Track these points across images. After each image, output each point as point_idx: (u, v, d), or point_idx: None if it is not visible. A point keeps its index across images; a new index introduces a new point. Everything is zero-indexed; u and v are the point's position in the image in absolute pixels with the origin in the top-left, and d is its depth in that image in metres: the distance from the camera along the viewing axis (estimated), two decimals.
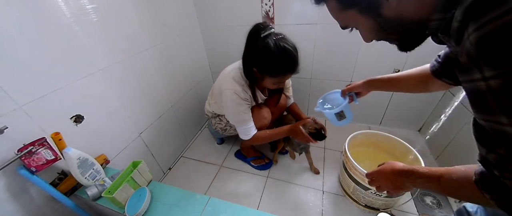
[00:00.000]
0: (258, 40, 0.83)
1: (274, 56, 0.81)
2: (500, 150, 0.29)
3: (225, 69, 1.09)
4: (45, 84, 0.72)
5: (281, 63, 0.84)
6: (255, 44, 0.84)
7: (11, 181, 0.67)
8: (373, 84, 0.80)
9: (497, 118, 0.26)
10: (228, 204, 0.76)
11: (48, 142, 0.70)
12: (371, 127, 1.57)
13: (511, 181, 0.30)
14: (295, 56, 0.85)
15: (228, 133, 1.27)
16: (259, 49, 0.83)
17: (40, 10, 0.69)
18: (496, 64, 0.24)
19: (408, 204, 1.05)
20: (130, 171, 0.80)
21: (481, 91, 0.26)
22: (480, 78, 0.26)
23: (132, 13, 1.01)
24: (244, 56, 0.93)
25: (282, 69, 0.87)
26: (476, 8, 0.25)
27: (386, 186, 0.58)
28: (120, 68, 0.98)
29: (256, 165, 1.34)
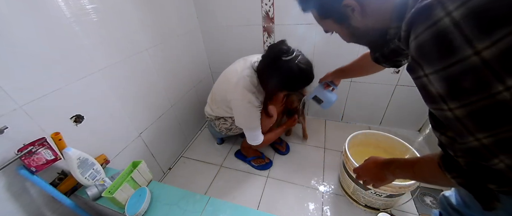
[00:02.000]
0: (280, 61, 0.87)
1: (296, 78, 0.90)
2: (449, 133, 0.35)
3: (228, 75, 1.09)
4: (45, 84, 0.72)
5: (300, 83, 0.94)
6: (277, 65, 0.89)
7: (11, 181, 0.67)
8: (338, 74, 0.98)
9: (440, 106, 0.32)
10: (228, 204, 0.76)
11: (48, 142, 0.70)
12: (371, 127, 1.57)
13: (463, 159, 0.35)
14: (312, 74, 0.93)
15: (233, 132, 1.27)
16: (282, 71, 0.89)
17: (40, 10, 0.69)
18: (431, 63, 0.31)
19: (408, 204, 1.05)
20: (130, 171, 0.80)
21: (425, 84, 0.33)
22: (422, 74, 0.33)
23: (132, 13, 1.01)
24: (265, 74, 0.97)
25: (300, 86, 0.99)
26: (412, 22, 0.33)
27: (371, 180, 0.64)
28: (120, 68, 0.98)
29: (256, 165, 1.34)
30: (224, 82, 1.10)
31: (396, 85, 1.35)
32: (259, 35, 1.43)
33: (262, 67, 0.97)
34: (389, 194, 0.91)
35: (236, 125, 1.17)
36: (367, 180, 0.66)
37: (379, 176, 0.60)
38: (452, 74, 0.29)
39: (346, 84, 1.47)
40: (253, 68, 1.01)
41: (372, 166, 0.63)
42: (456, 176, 0.38)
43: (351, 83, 1.45)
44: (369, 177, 0.65)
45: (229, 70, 1.12)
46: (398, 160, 0.56)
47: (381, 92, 1.41)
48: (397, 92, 1.38)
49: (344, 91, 1.51)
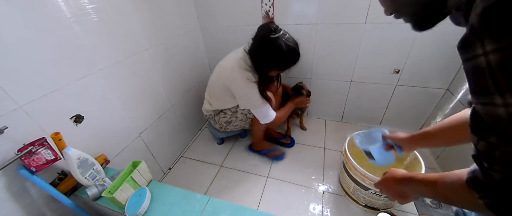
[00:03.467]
0: (269, 39, 0.94)
1: (285, 55, 0.95)
2: (491, 138, 0.27)
3: (222, 64, 1.13)
4: (45, 84, 0.72)
5: (289, 60, 0.99)
6: (266, 43, 0.95)
7: (11, 181, 0.67)
8: (417, 141, 0.71)
9: (492, 99, 0.24)
10: (228, 204, 0.76)
11: (48, 142, 0.70)
12: (371, 127, 1.57)
13: (499, 174, 0.28)
14: (299, 53, 0.99)
15: (232, 127, 1.28)
16: (271, 49, 0.95)
17: (40, 10, 0.69)
18: (497, 36, 0.22)
19: (408, 204, 1.05)
20: (130, 171, 0.80)
21: (480, 67, 0.24)
22: (481, 53, 0.24)
23: (132, 13, 1.01)
24: (256, 53, 1.02)
25: (289, 64, 1.01)
26: None
27: (393, 196, 0.60)
28: (120, 68, 0.98)
29: (271, 156, 1.38)
30: (220, 72, 1.13)
31: (396, 85, 1.35)
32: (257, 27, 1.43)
33: (252, 47, 1.03)
34: None
35: (236, 117, 1.20)
36: (389, 196, 0.62)
37: (401, 193, 0.56)
38: None
39: (346, 84, 1.47)
40: (245, 51, 1.07)
41: (392, 183, 0.58)
42: (484, 196, 0.31)
43: (351, 83, 1.45)
44: (391, 194, 0.60)
45: (222, 61, 1.16)
46: (417, 176, 0.50)
47: (381, 92, 1.41)
48: (397, 92, 1.38)
49: (344, 91, 1.51)
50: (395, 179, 0.57)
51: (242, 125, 1.28)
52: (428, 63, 1.21)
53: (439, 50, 1.16)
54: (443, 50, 1.15)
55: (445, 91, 1.28)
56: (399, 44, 1.20)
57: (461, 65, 1.24)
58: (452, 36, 1.10)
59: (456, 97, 1.17)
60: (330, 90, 1.53)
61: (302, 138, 1.54)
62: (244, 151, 1.48)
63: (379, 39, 1.22)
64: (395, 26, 1.15)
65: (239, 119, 1.22)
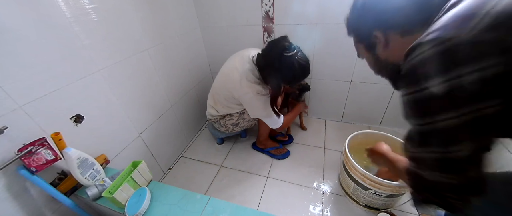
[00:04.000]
0: (282, 57, 0.95)
1: (297, 73, 0.99)
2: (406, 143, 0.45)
3: (228, 73, 1.10)
4: (45, 84, 0.72)
5: (300, 77, 1.04)
6: (279, 61, 0.96)
7: (11, 181, 0.67)
8: None
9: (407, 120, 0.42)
10: (228, 204, 0.76)
11: (48, 142, 0.70)
12: (371, 127, 1.57)
13: (415, 168, 0.45)
14: (309, 69, 1.02)
15: (239, 128, 1.29)
16: (284, 67, 0.96)
17: (40, 10, 0.69)
18: (406, 87, 0.39)
19: (408, 204, 1.05)
20: (130, 171, 0.80)
21: (403, 102, 0.42)
22: (402, 94, 0.41)
23: (132, 13, 1.01)
24: (267, 69, 1.03)
25: (299, 80, 1.07)
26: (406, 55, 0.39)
27: (372, 160, 0.85)
28: (120, 68, 0.98)
29: (276, 154, 1.38)
30: (226, 81, 1.11)
31: None
32: (259, 35, 1.43)
33: (264, 63, 1.03)
34: (389, 194, 0.91)
35: (243, 118, 1.22)
36: (373, 160, 0.84)
37: (375, 160, 0.82)
38: None
39: (346, 84, 1.47)
40: (253, 62, 1.06)
41: (375, 152, 0.82)
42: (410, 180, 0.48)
43: (351, 83, 1.45)
44: (374, 159, 0.83)
45: (228, 68, 1.13)
46: (388, 154, 0.73)
47: (381, 92, 1.41)
48: (397, 92, 1.38)
49: (344, 91, 1.51)
50: (378, 152, 0.80)
51: (248, 125, 1.30)
52: None
53: None
54: None
55: None
56: None
57: None
58: None
59: None
60: (330, 90, 1.53)
61: (302, 138, 1.54)
62: (244, 151, 1.48)
63: None
64: None
65: (246, 120, 1.24)
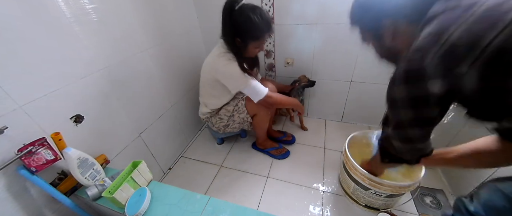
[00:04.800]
0: (234, 12, 0.93)
1: (254, 20, 0.93)
2: None
3: (205, 63, 1.14)
4: (45, 84, 0.72)
5: (260, 24, 0.95)
6: (233, 17, 0.93)
7: (11, 181, 0.67)
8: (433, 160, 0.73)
9: None
10: (228, 204, 0.76)
11: (48, 142, 0.70)
12: (371, 127, 1.57)
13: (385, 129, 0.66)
14: (267, 13, 0.98)
15: (230, 129, 1.28)
16: (239, 19, 0.93)
17: (40, 10, 0.69)
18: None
19: (408, 204, 1.05)
20: (130, 171, 0.80)
21: None
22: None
23: (132, 13, 1.01)
24: (225, 32, 1.00)
25: (262, 29, 0.97)
26: None
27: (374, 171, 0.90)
28: (120, 68, 0.98)
29: (276, 154, 1.38)
30: (205, 68, 1.14)
31: None
32: None
33: (222, 28, 1.00)
34: (389, 194, 0.91)
35: (233, 120, 1.20)
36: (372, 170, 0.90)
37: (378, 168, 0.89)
38: None
39: (346, 84, 1.47)
40: (220, 37, 1.06)
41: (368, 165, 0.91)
42: None
43: (351, 83, 1.45)
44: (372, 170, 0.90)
45: (205, 61, 1.16)
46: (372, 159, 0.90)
47: (381, 92, 1.39)
48: None
49: (344, 91, 1.51)
50: (369, 163, 0.91)
51: (240, 127, 1.29)
52: None
53: None
54: None
55: None
56: None
57: None
58: None
59: None
60: (330, 90, 1.53)
61: (302, 138, 1.54)
62: (244, 151, 1.48)
63: None
64: None
65: (236, 122, 1.22)
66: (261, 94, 1.08)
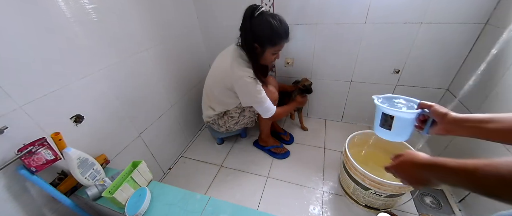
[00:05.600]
0: (254, 19, 0.94)
1: (273, 26, 0.94)
2: None
3: (217, 67, 1.13)
4: (45, 84, 0.72)
5: (279, 30, 0.96)
6: (252, 23, 0.95)
7: (11, 181, 0.67)
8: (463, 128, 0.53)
9: None
10: (228, 204, 0.76)
11: (48, 142, 0.70)
12: (371, 127, 1.57)
13: None
14: (286, 23, 0.99)
15: (239, 126, 1.30)
16: (258, 25, 0.94)
17: (40, 10, 0.69)
18: None
19: (408, 204, 1.05)
20: (130, 171, 0.80)
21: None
22: None
23: (132, 13, 1.01)
24: (245, 38, 1.01)
25: (281, 35, 0.98)
26: None
27: (408, 182, 0.52)
28: (120, 68, 0.98)
29: (276, 153, 1.39)
30: (218, 73, 1.12)
31: (396, 85, 1.35)
32: None
33: (242, 34, 1.02)
34: (389, 194, 0.91)
35: (243, 116, 1.22)
36: (404, 181, 0.53)
37: (419, 179, 0.49)
38: None
39: (346, 84, 1.47)
40: (237, 45, 1.06)
41: (409, 167, 0.50)
42: None
43: (351, 83, 1.45)
44: (405, 179, 0.52)
45: (217, 63, 1.16)
46: (448, 162, 0.42)
47: (381, 92, 1.40)
48: (397, 92, 1.38)
49: (344, 91, 1.51)
50: (416, 164, 0.49)
51: (249, 122, 1.30)
52: (428, 63, 1.21)
53: (439, 50, 1.16)
54: (443, 50, 1.15)
55: (445, 91, 1.28)
56: (399, 44, 1.20)
57: (461, 65, 1.24)
58: (452, 36, 1.10)
59: (456, 97, 1.17)
60: (330, 90, 1.53)
61: (302, 138, 1.54)
62: (244, 151, 1.48)
63: (379, 39, 1.22)
64: (395, 26, 1.15)
65: (246, 117, 1.24)
66: (271, 112, 1.15)
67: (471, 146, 1.00)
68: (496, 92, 0.92)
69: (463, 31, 1.07)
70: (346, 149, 1.00)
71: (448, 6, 1.03)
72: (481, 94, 0.99)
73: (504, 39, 0.90)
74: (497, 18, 0.98)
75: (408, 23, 1.12)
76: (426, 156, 0.48)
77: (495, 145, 0.84)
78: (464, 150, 1.05)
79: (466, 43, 1.10)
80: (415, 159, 0.49)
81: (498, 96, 0.91)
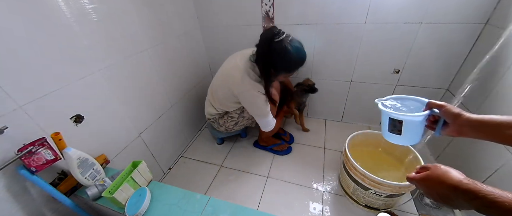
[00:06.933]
0: (273, 44, 0.93)
1: (291, 57, 0.95)
2: None
3: (229, 71, 1.10)
4: (45, 84, 0.72)
5: (296, 61, 0.98)
6: (271, 48, 0.94)
7: (11, 181, 0.67)
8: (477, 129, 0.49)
9: None
10: (228, 204, 0.76)
11: (48, 142, 0.70)
12: (371, 127, 1.57)
13: None
14: (305, 52, 0.99)
15: (238, 127, 1.30)
16: (277, 53, 0.94)
17: (40, 10, 0.69)
18: None
19: (408, 204, 1.05)
20: (130, 171, 0.80)
21: None
22: None
23: (132, 13, 1.01)
24: (262, 60, 1.01)
25: (297, 65, 1.00)
26: None
27: (433, 197, 0.46)
28: (120, 68, 0.98)
29: (279, 150, 1.41)
30: (227, 79, 1.10)
31: (396, 85, 1.35)
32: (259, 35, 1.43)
33: (258, 55, 1.01)
34: (389, 194, 0.91)
35: (243, 117, 1.22)
36: (427, 195, 0.48)
37: (445, 197, 0.43)
38: None
39: (346, 84, 1.47)
40: (251, 60, 1.06)
41: (438, 185, 0.45)
42: None
43: (351, 83, 1.45)
44: (429, 194, 0.47)
45: (229, 66, 1.13)
46: (490, 193, 0.35)
47: (381, 92, 1.41)
48: (397, 92, 1.38)
49: (344, 91, 1.51)
50: (445, 184, 0.42)
51: (248, 123, 1.30)
52: (428, 63, 1.21)
53: (439, 50, 1.16)
54: (443, 50, 1.15)
55: (445, 91, 1.28)
56: (399, 44, 1.20)
57: (461, 65, 1.24)
58: (452, 36, 1.10)
59: (456, 97, 1.17)
60: (330, 90, 1.53)
61: (302, 138, 1.54)
62: (244, 151, 1.48)
63: (379, 39, 1.22)
64: (395, 26, 1.15)
65: (245, 118, 1.24)
66: (271, 127, 1.19)
67: (471, 146, 1.00)
68: (496, 91, 0.92)
69: (463, 31, 1.07)
70: (346, 149, 1.00)
71: (448, 6, 1.03)
72: (481, 94, 0.99)
73: (504, 39, 0.90)
74: (497, 18, 0.98)
75: (408, 23, 1.12)
76: (461, 178, 0.41)
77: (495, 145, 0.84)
78: (464, 149, 1.05)
79: (466, 43, 1.10)
80: (448, 180, 0.42)
81: (498, 96, 0.91)
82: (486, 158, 0.92)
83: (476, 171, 0.95)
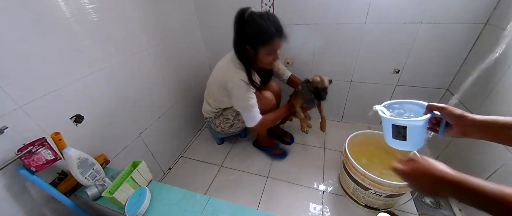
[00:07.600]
0: (243, 20, 0.92)
1: (260, 24, 0.91)
2: None
3: (218, 66, 1.14)
4: (45, 84, 0.72)
5: (268, 27, 0.91)
6: (242, 25, 0.93)
7: (11, 181, 0.67)
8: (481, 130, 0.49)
9: None
10: (228, 204, 0.76)
11: (48, 142, 0.70)
12: (371, 127, 1.57)
13: None
14: (277, 18, 0.94)
15: (234, 129, 1.29)
16: (247, 26, 0.93)
17: (40, 10, 0.69)
18: None
19: (408, 204, 1.05)
20: (130, 171, 0.80)
21: None
22: None
23: (132, 13, 1.01)
24: (236, 41, 1.00)
25: (271, 32, 0.93)
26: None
27: (421, 191, 0.48)
28: (120, 68, 0.98)
29: (273, 154, 1.39)
30: (216, 72, 1.13)
31: (396, 85, 1.35)
32: None
33: (233, 39, 1.00)
34: (389, 194, 0.91)
35: (238, 120, 1.21)
36: (413, 188, 0.51)
37: (434, 191, 0.45)
38: None
39: (346, 84, 1.47)
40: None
41: (424, 177, 0.46)
42: None
43: (351, 83, 1.45)
44: (416, 187, 0.49)
45: (219, 62, 1.16)
46: (473, 184, 0.38)
47: (381, 92, 1.41)
48: (397, 92, 1.38)
49: (344, 91, 1.51)
50: (435, 177, 0.44)
51: (243, 126, 1.28)
52: (428, 63, 1.21)
53: (439, 50, 1.16)
54: (443, 50, 1.15)
55: (445, 91, 1.28)
56: (399, 44, 1.20)
57: (461, 65, 1.24)
58: (452, 36, 1.10)
59: (456, 97, 1.17)
60: (330, 90, 1.52)
61: (302, 138, 1.54)
62: (244, 151, 1.48)
63: (379, 39, 1.22)
64: (395, 26, 1.15)
65: (241, 121, 1.22)
66: (254, 122, 1.11)
67: (471, 146, 1.00)
68: (496, 91, 0.92)
69: (463, 31, 1.07)
70: (346, 149, 1.00)
71: (448, 6, 1.03)
72: (481, 94, 0.99)
73: (504, 39, 0.90)
74: (497, 18, 0.98)
75: (408, 23, 1.12)
76: (447, 169, 0.43)
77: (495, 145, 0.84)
78: (464, 150, 1.05)
79: (466, 43, 1.10)
80: (434, 172, 0.44)
81: (498, 95, 0.91)
82: (486, 158, 0.92)
83: (476, 171, 0.95)
